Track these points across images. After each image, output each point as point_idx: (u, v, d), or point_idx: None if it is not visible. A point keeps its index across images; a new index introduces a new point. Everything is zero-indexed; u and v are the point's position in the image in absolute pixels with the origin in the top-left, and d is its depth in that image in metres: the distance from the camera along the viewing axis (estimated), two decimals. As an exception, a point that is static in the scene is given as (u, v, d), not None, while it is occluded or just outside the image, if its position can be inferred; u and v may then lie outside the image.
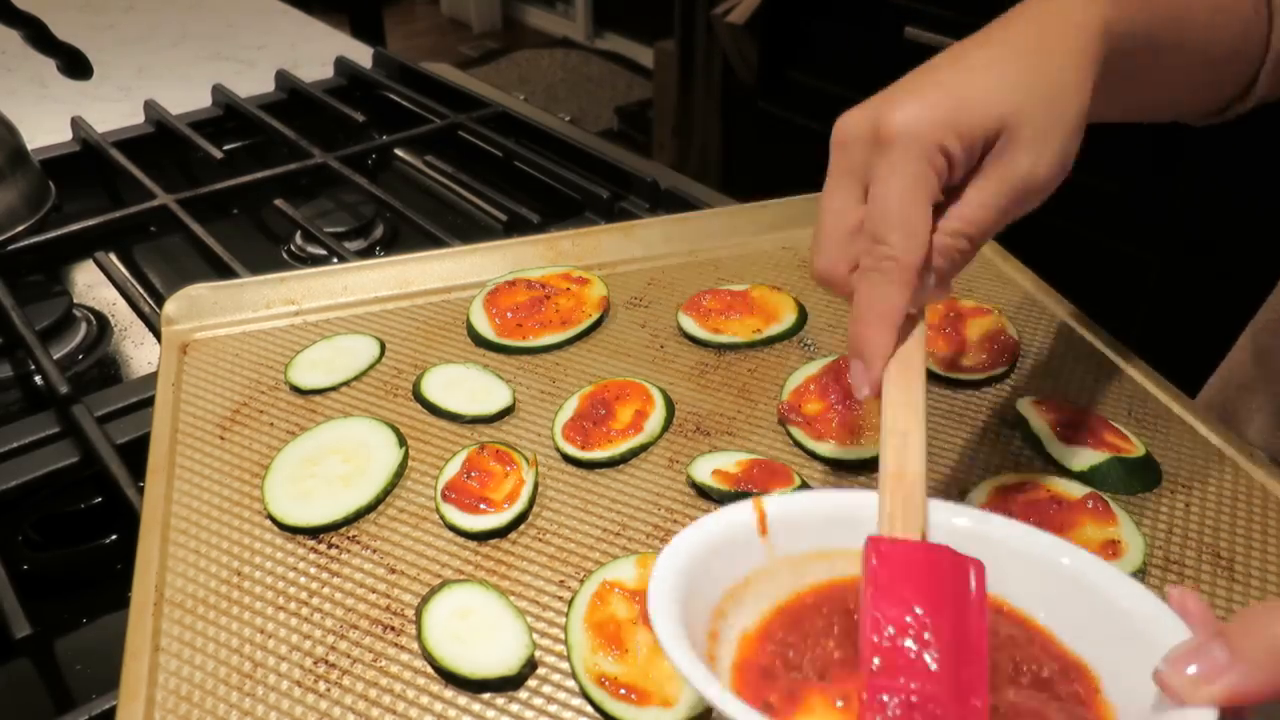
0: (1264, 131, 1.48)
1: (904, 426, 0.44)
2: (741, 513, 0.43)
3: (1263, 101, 0.62)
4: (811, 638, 0.40)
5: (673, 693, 0.47)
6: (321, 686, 0.49)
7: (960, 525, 0.43)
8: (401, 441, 0.63)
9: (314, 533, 0.57)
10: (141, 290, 0.88)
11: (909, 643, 0.37)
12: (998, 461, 0.62)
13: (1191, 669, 0.34)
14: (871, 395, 0.46)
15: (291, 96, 1.25)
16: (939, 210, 0.45)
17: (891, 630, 0.37)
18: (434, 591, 0.53)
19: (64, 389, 0.70)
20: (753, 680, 0.38)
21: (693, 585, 0.39)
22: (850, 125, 0.46)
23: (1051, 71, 0.46)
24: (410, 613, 0.53)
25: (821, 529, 0.43)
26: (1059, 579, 0.41)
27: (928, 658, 0.37)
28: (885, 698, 0.36)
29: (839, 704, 0.37)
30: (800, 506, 0.44)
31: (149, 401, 0.68)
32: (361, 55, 1.36)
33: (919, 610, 0.38)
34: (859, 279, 0.46)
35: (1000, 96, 0.45)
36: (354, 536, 0.57)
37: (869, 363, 0.45)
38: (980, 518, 0.44)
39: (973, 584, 0.40)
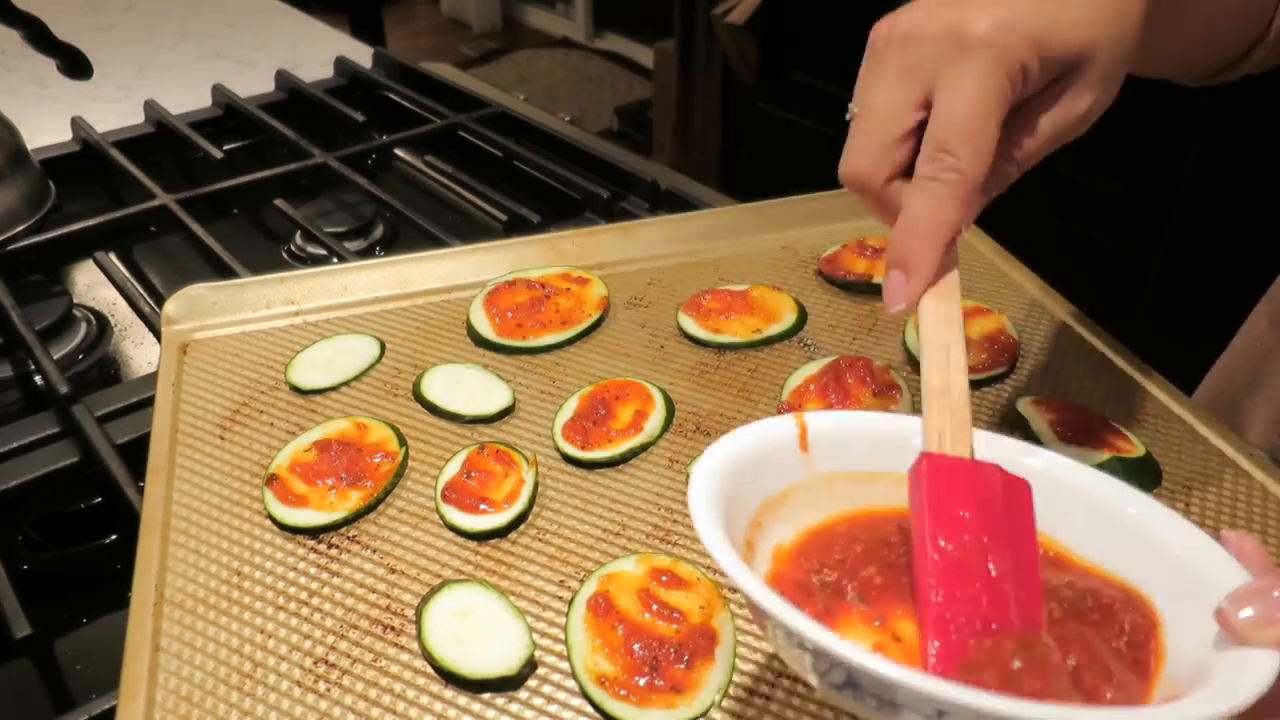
0: (1264, 131, 1.48)
1: (945, 339, 0.43)
2: (783, 426, 0.42)
3: (1258, 69, 0.62)
4: (849, 562, 0.39)
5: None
6: (321, 686, 0.49)
7: (1009, 456, 0.41)
8: (401, 441, 0.63)
9: (314, 533, 0.57)
10: (141, 290, 0.88)
11: (967, 562, 0.36)
12: (998, 461, 0.62)
13: (1251, 610, 0.33)
14: (907, 310, 0.44)
15: (291, 96, 1.25)
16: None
17: (950, 547, 0.37)
18: (434, 591, 0.53)
19: (64, 389, 0.70)
20: (788, 593, 0.37)
21: (731, 492, 0.38)
22: (922, 23, 0.43)
23: (1123, 5, 0.44)
24: (410, 613, 0.53)
25: (864, 450, 0.42)
26: (1116, 518, 0.40)
27: (989, 573, 0.36)
28: (948, 617, 0.35)
29: (876, 623, 0.36)
30: (844, 425, 0.43)
31: (149, 401, 0.68)
32: (361, 55, 1.36)
33: (975, 529, 0.37)
34: (915, 188, 0.43)
35: (1086, 25, 0.43)
36: (354, 536, 0.57)
37: (912, 275, 0.44)
38: (1030, 450, 0.42)
39: (1023, 504, 0.39)
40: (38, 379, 0.81)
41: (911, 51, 0.43)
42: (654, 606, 0.51)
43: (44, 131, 1.14)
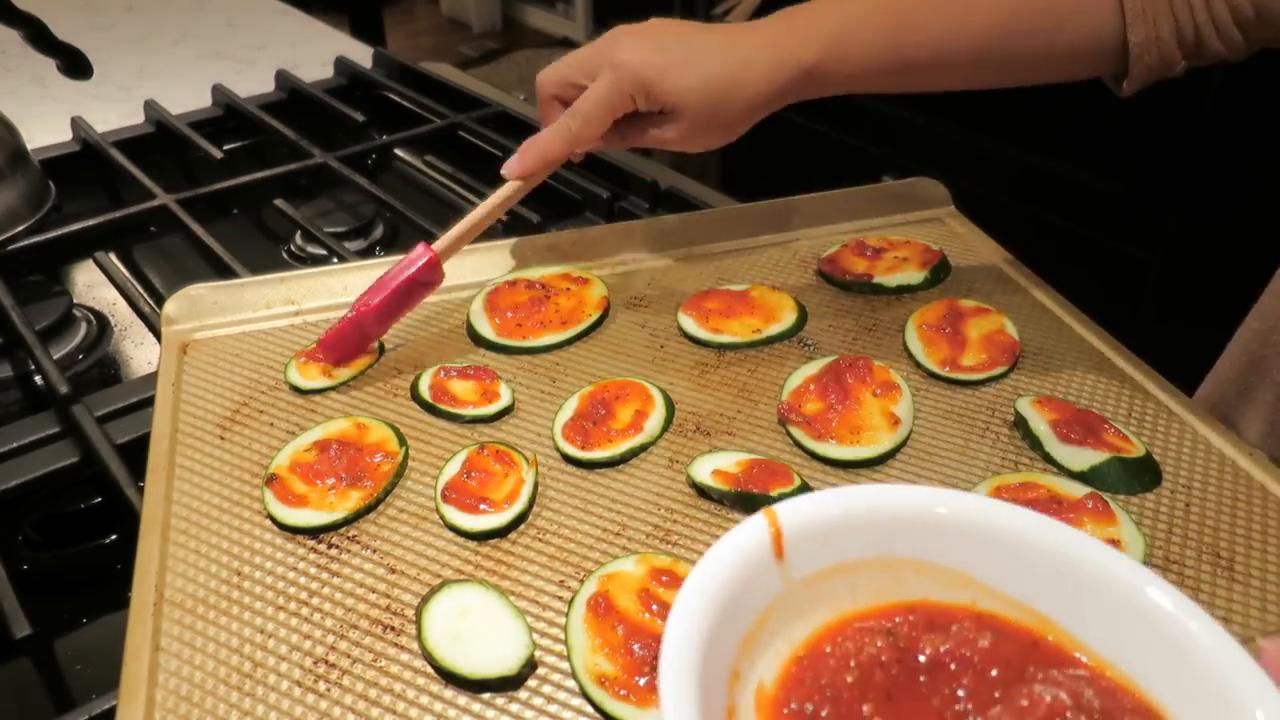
0: (1265, 131, 1.48)
1: (495, 198, 0.72)
2: (755, 534, 0.38)
3: (1159, 78, 0.67)
4: (841, 701, 0.36)
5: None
6: (321, 686, 0.49)
7: (975, 519, 0.38)
8: (401, 441, 0.63)
9: (314, 533, 0.57)
10: (141, 290, 0.88)
11: None
12: (998, 461, 0.62)
13: None
14: (511, 178, 0.72)
15: (291, 96, 1.25)
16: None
17: None
18: (434, 591, 0.53)
19: (64, 389, 0.70)
20: None
21: (708, 641, 0.35)
22: (613, 40, 0.68)
23: (728, 87, 0.66)
24: (410, 613, 0.53)
25: (844, 536, 0.39)
26: (1130, 603, 0.35)
27: None
28: None
29: None
30: (820, 513, 0.39)
31: (149, 401, 0.68)
32: (361, 55, 1.36)
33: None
34: (552, 124, 0.70)
35: (683, 91, 0.66)
36: (354, 536, 0.57)
37: (519, 163, 0.71)
38: (1041, 522, 0.38)
39: None
40: (38, 379, 0.81)
41: (594, 54, 0.68)
42: (654, 606, 0.51)
43: (44, 131, 1.14)
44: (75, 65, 1.13)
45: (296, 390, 0.68)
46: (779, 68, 0.65)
